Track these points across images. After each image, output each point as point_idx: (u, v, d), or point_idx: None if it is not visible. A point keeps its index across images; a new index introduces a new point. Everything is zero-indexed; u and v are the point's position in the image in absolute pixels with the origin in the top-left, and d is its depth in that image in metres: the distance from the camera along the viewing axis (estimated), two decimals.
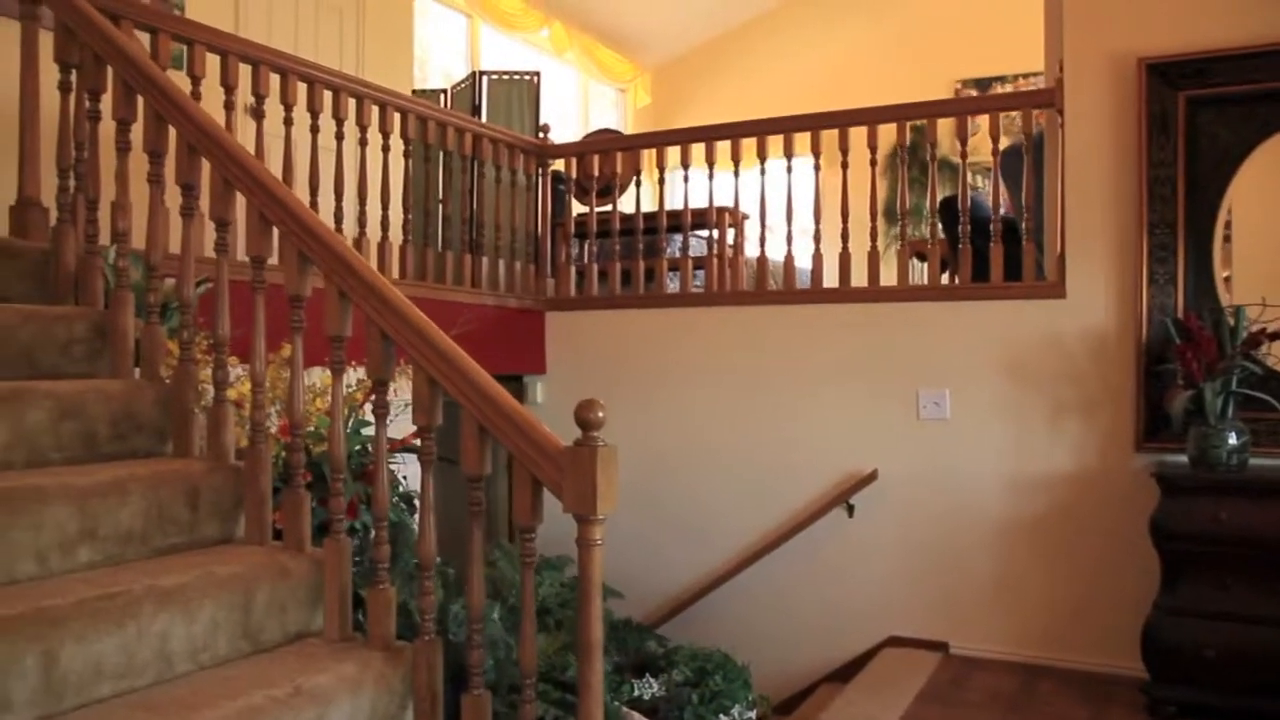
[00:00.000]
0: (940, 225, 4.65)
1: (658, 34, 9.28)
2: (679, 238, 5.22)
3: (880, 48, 8.90)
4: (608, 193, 5.09)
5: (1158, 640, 3.53)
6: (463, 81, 6.81)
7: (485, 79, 6.68)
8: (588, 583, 2.05)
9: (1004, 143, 4.34)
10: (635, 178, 5.13)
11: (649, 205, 5.12)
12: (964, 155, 4.32)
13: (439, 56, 7.70)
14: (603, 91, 9.42)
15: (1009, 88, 8.73)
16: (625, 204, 5.21)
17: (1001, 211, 4.31)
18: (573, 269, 5.26)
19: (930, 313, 4.34)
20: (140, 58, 2.70)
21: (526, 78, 6.73)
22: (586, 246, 5.31)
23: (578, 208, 5.70)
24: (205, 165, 2.57)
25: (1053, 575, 4.12)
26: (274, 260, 2.46)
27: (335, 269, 2.32)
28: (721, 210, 5.03)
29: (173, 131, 2.62)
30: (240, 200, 2.50)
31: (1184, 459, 3.68)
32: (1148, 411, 3.90)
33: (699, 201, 5.02)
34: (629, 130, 9.52)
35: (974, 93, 8.78)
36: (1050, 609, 4.12)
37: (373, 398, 2.37)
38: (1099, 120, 4.02)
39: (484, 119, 6.49)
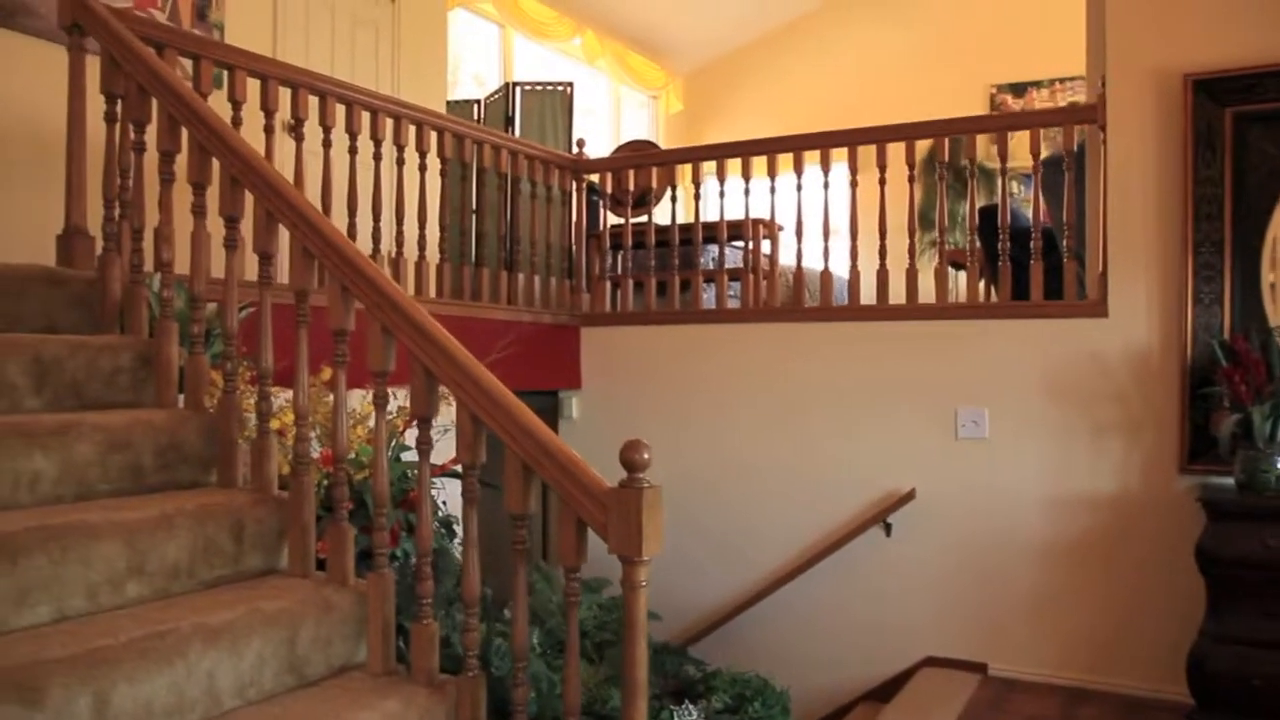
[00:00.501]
0: (979, 236, 4.60)
1: (689, 41, 9.26)
2: (714, 249, 5.21)
3: (914, 53, 8.82)
4: (643, 203, 5.08)
5: (1204, 668, 3.48)
6: (496, 92, 6.83)
7: (518, 90, 6.71)
8: (633, 625, 2.04)
9: (1044, 151, 4.27)
10: (671, 191, 5.11)
11: (683, 216, 5.10)
12: (1004, 172, 4.27)
13: (470, 61, 7.72)
14: (634, 98, 9.41)
15: (1045, 93, 8.64)
16: (660, 215, 5.20)
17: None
18: (608, 283, 5.25)
19: (969, 330, 4.30)
20: (184, 90, 2.72)
21: (559, 88, 6.75)
22: (621, 258, 5.31)
23: (612, 219, 5.70)
24: (249, 197, 2.58)
25: (1094, 597, 4.07)
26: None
27: (379, 304, 2.33)
28: (756, 222, 5.01)
29: (216, 163, 2.64)
30: (283, 231, 2.51)
31: (1230, 482, 3.62)
32: (1192, 433, 3.84)
33: (734, 213, 5.00)
34: (661, 137, 9.51)
35: (1010, 98, 8.71)
36: (1092, 631, 4.07)
37: (415, 428, 2.37)
38: (1143, 137, 3.96)
39: (517, 129, 6.53)
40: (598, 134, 8.84)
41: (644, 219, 5.17)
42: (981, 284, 4.77)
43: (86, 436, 2.41)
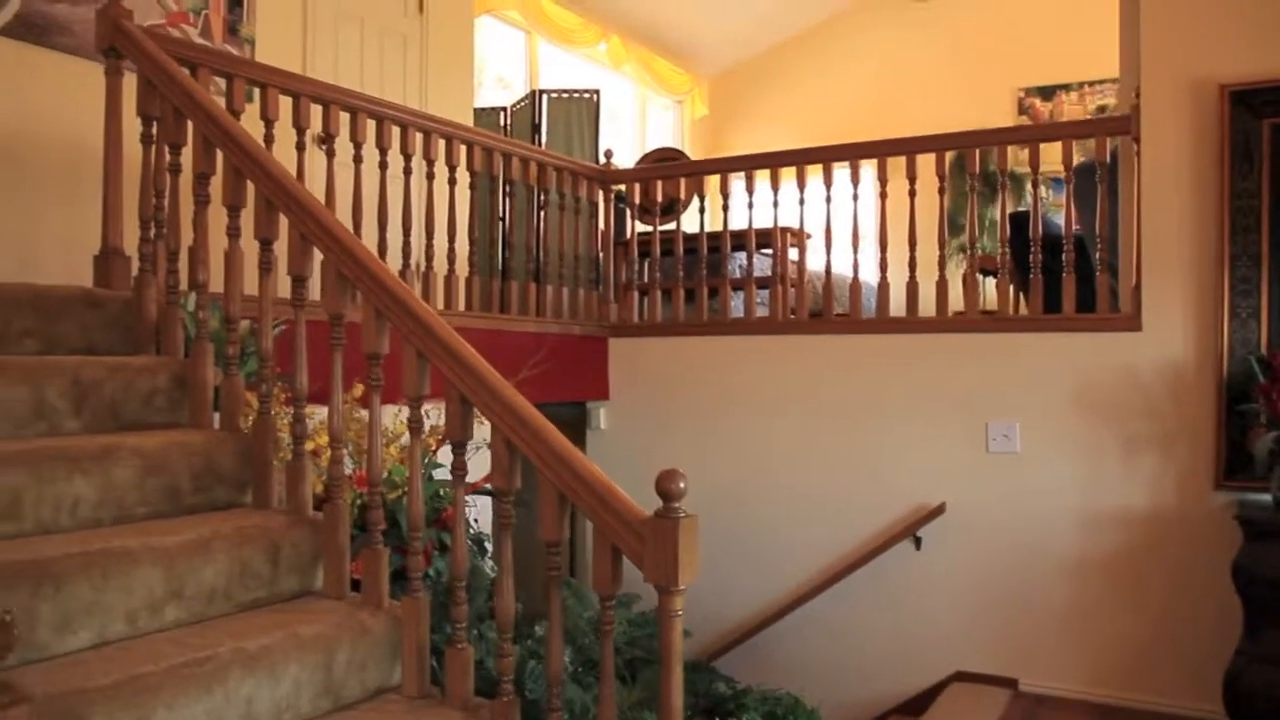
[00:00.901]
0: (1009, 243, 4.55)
1: (715, 45, 9.24)
2: (741, 257, 5.20)
3: (941, 56, 8.76)
4: (670, 211, 5.08)
5: (1239, 687, 3.44)
6: (522, 100, 6.84)
7: (545, 98, 6.71)
8: (669, 653, 2.03)
9: (1076, 157, 4.23)
10: (699, 201, 5.10)
11: (710, 223, 5.09)
12: (1035, 184, 4.24)
13: (494, 63, 7.71)
14: (659, 103, 9.40)
15: (1074, 95, 8.55)
16: (687, 222, 5.19)
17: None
18: (636, 293, 5.25)
19: (1000, 343, 4.27)
20: (219, 113, 2.74)
21: (586, 96, 6.75)
22: (649, 267, 5.32)
23: (639, 226, 5.70)
24: (282, 219, 2.60)
25: (1127, 613, 4.03)
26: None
27: (414, 330, 2.34)
28: (784, 230, 4.99)
29: (251, 185, 2.65)
30: (317, 253, 2.53)
31: (1267, 499, 3.58)
32: (1228, 449, 3.80)
33: (761, 221, 4.98)
34: (686, 141, 9.50)
35: (1037, 101, 8.63)
36: (1124, 648, 4.04)
37: (448, 447, 2.38)
38: (1177, 148, 3.92)
39: (544, 137, 6.53)
40: (623, 139, 8.84)
41: (671, 226, 5.17)
42: (1011, 290, 4.73)
43: (125, 460, 2.44)
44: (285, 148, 3.61)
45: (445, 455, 3.18)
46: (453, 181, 4.25)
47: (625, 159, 8.52)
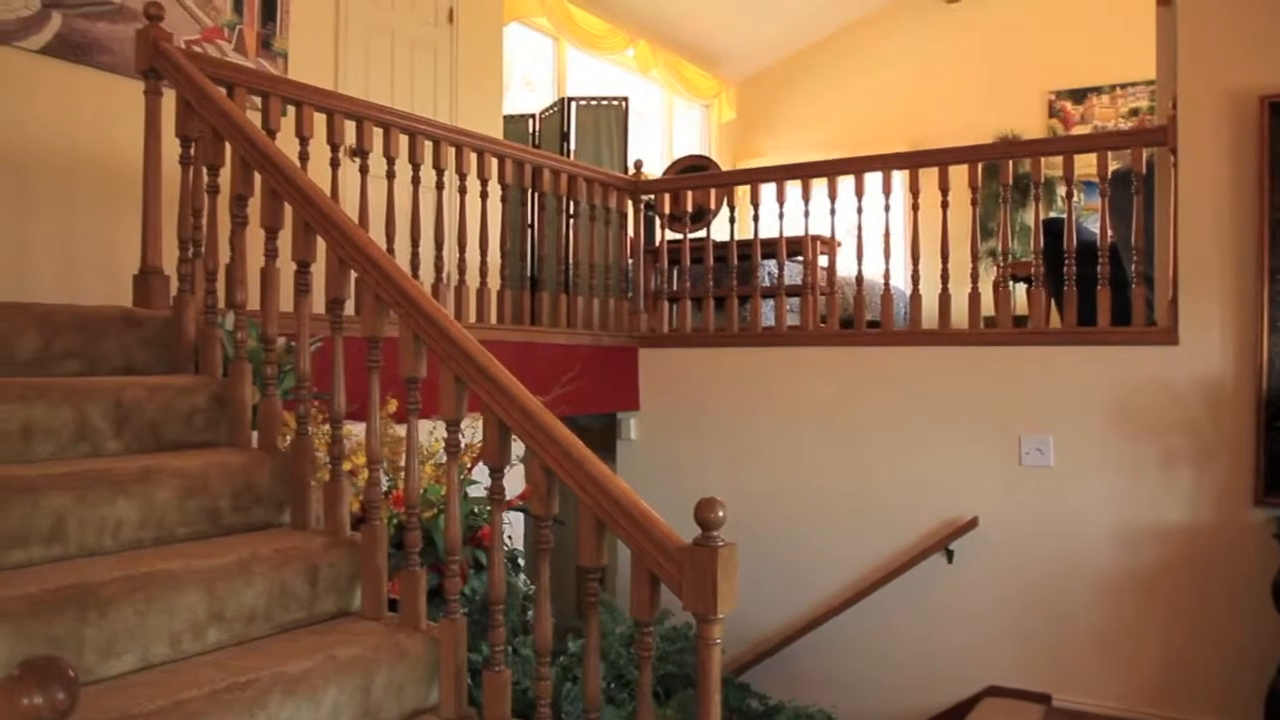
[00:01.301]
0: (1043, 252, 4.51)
1: (742, 49, 9.22)
2: (772, 264, 5.19)
3: (970, 58, 8.70)
4: (700, 218, 5.07)
5: None
6: (551, 107, 6.86)
7: (574, 105, 6.72)
8: (707, 680, 2.03)
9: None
10: (729, 211, 5.09)
11: (739, 230, 5.07)
12: (1069, 195, 4.20)
13: (520, 64, 7.71)
14: (687, 107, 9.39)
15: (1106, 99, 8.48)
16: (717, 230, 5.18)
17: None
18: (666, 302, 5.23)
19: (1034, 356, 4.24)
20: (258, 136, 2.76)
21: (615, 103, 6.76)
22: (678, 275, 5.32)
23: (669, 235, 5.69)
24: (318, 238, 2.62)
25: (1163, 629, 4.00)
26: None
27: (451, 353, 2.35)
28: (815, 238, 4.97)
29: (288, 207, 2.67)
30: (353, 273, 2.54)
31: None
32: (1267, 465, 3.75)
33: (791, 228, 4.96)
34: (713, 145, 9.48)
35: (1069, 104, 8.55)
36: (1160, 664, 4.00)
37: (483, 464, 2.39)
38: (1215, 159, 3.87)
39: (573, 144, 6.55)
40: (650, 143, 8.84)
41: (702, 234, 5.16)
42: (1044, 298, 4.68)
43: (166, 482, 2.46)
44: (319, 163, 3.65)
45: (478, 472, 3.21)
46: (484, 195, 4.26)
47: (652, 163, 8.54)
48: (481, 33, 5.81)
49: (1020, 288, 5.72)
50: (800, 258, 5.24)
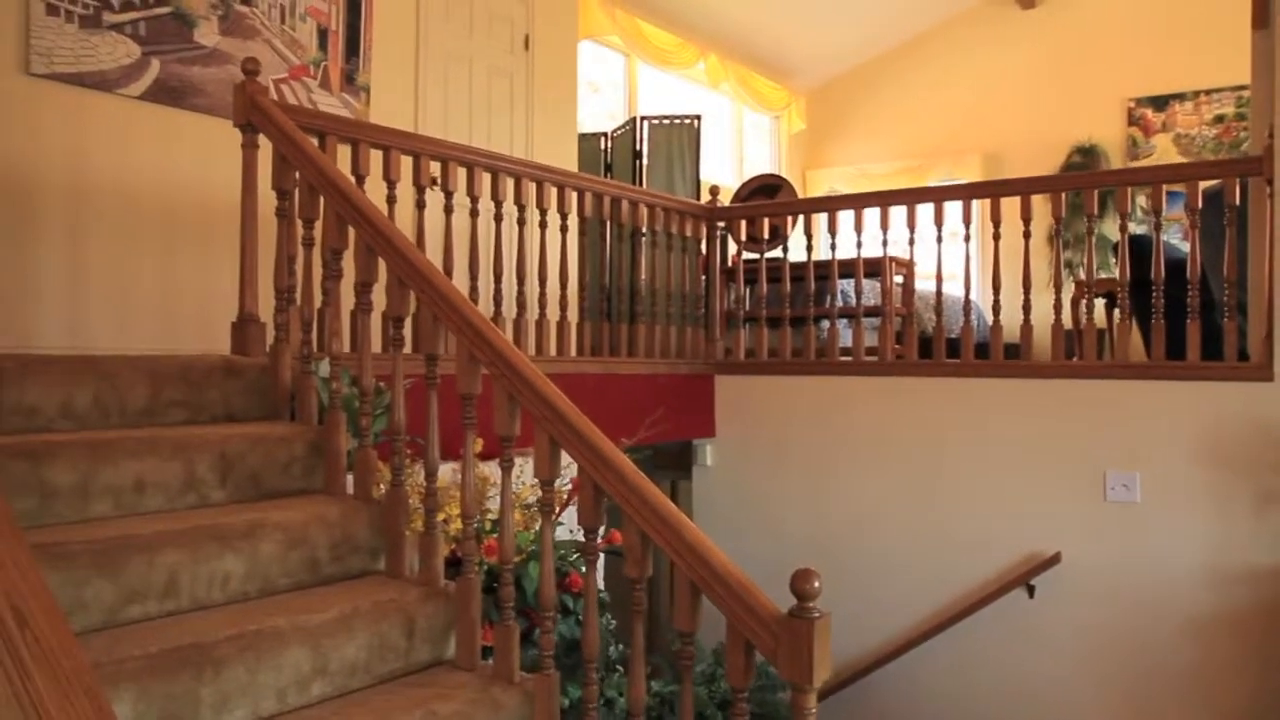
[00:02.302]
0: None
1: (812, 60, 9.17)
2: (847, 285, 5.16)
3: (1045, 65, 8.54)
4: (774, 238, 5.07)
5: None
6: (623, 126, 6.90)
7: (646, 124, 6.76)
8: None
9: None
10: (806, 232, 5.07)
11: (815, 251, 5.05)
12: (1158, 226, 4.11)
13: (586, 70, 7.70)
14: (756, 119, 9.36)
15: (1189, 105, 8.25)
16: (792, 250, 5.17)
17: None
18: (742, 327, 5.22)
19: (1120, 390, 4.16)
20: (351, 191, 2.83)
21: (687, 121, 6.78)
22: (753, 294, 5.32)
23: (744, 254, 5.69)
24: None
25: (1255, 674, 3.90)
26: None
27: (547, 415, 2.39)
28: (892, 260, 4.93)
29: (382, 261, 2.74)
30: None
31: None
32: None
33: (867, 249, 4.91)
34: (783, 156, 9.45)
35: (1149, 112, 8.35)
36: (1251, 710, 3.91)
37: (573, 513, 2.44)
38: None
39: (645, 162, 6.59)
40: (721, 155, 8.84)
41: (777, 254, 5.16)
42: (1117, 312, 4.59)
43: (270, 536, 2.54)
44: (405, 203, 3.72)
45: (564, 514, 3.26)
46: (564, 229, 4.31)
47: (722, 173, 8.55)
48: (557, 58, 5.87)
49: (1099, 302, 5.60)
50: (877, 279, 5.21)
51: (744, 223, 5.19)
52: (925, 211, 4.57)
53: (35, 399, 2.64)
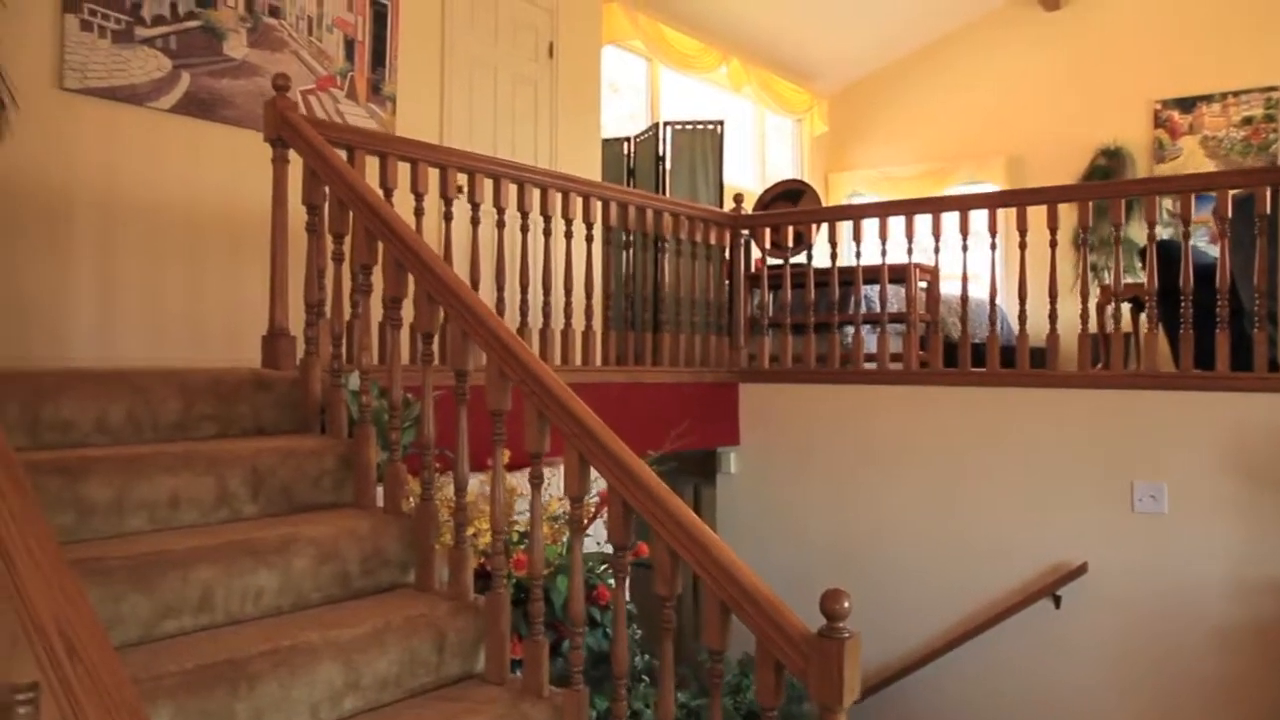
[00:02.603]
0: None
1: (835, 63, 9.15)
2: (871, 290, 5.15)
3: (1070, 67, 8.48)
4: (798, 242, 5.07)
5: None
6: (646, 131, 6.91)
7: (669, 129, 6.77)
8: None
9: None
10: (831, 239, 5.07)
11: (840, 257, 5.05)
12: (1186, 235, 4.08)
13: (607, 69, 7.69)
14: (778, 121, 9.35)
15: (1216, 107, 8.17)
16: (816, 255, 5.16)
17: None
18: (766, 334, 5.22)
19: (1147, 400, 4.14)
20: (381, 206, 2.85)
21: (709, 127, 6.79)
22: (777, 300, 5.32)
23: (768, 260, 5.69)
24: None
25: None
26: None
27: (576, 433, 2.40)
28: (917, 266, 4.92)
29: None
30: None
31: None
32: None
33: (891, 256, 4.90)
34: (805, 159, 9.43)
35: (1176, 114, 8.27)
36: None
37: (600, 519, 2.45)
38: None
39: (668, 166, 6.60)
40: (743, 158, 8.83)
41: (801, 259, 5.15)
42: (1142, 317, 4.56)
43: (303, 551, 2.57)
44: (432, 214, 3.74)
45: (591, 526, 3.28)
46: (590, 238, 4.32)
47: (745, 177, 8.55)
48: (580, 65, 5.89)
49: (1126, 307, 5.56)
50: (901, 285, 5.19)
51: (768, 230, 5.18)
52: (950, 219, 4.55)
53: (71, 413, 2.68)
